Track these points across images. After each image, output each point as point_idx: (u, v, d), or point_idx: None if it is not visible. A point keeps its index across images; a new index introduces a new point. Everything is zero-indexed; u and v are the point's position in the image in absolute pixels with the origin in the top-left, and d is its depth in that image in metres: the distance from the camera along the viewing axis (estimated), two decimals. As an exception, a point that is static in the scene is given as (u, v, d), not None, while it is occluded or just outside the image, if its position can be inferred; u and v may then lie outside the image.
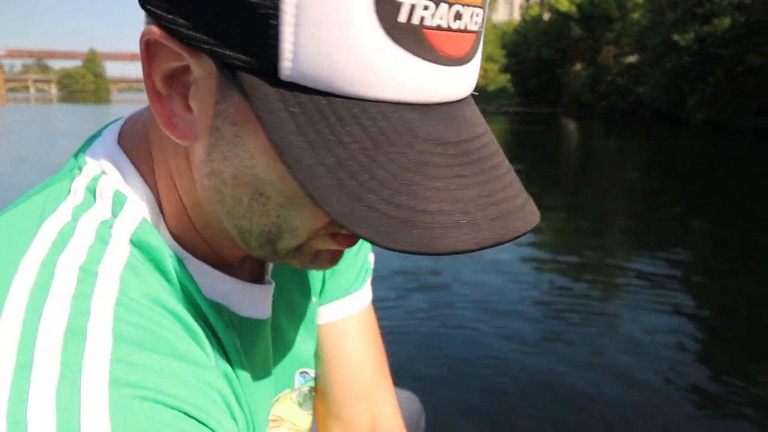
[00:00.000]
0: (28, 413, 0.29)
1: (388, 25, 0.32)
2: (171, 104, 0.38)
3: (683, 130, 18.30)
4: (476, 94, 0.41)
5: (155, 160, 0.43)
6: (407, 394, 0.95)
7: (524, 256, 4.49)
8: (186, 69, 0.36)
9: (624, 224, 6.15)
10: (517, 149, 14.27)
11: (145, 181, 0.43)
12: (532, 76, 31.29)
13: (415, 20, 0.32)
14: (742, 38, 17.12)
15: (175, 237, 0.44)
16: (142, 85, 0.39)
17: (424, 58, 0.33)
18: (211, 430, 0.35)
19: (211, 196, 0.40)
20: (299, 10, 0.31)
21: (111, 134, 0.45)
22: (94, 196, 0.40)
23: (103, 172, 0.42)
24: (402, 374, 1.02)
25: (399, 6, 0.32)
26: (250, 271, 0.52)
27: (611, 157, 13.63)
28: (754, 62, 16.94)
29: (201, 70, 0.36)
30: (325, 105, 0.33)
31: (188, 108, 0.38)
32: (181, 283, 0.41)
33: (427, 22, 0.33)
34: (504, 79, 35.54)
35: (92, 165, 0.42)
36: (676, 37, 18.89)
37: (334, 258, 0.46)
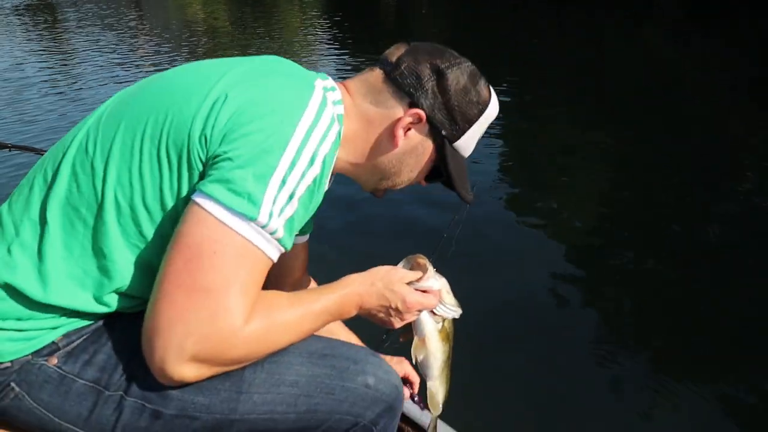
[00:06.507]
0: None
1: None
2: (399, 135, 0.95)
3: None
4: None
5: (362, 129, 0.96)
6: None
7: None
8: (417, 124, 0.95)
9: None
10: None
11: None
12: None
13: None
14: None
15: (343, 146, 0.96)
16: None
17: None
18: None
19: (384, 161, 0.98)
20: (472, 134, 0.99)
21: (340, 85, 0.98)
22: (326, 100, 0.86)
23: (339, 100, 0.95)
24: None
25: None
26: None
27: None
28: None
29: (422, 130, 0.96)
30: (458, 156, 1.00)
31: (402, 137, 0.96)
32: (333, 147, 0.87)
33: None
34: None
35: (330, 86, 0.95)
36: None
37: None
